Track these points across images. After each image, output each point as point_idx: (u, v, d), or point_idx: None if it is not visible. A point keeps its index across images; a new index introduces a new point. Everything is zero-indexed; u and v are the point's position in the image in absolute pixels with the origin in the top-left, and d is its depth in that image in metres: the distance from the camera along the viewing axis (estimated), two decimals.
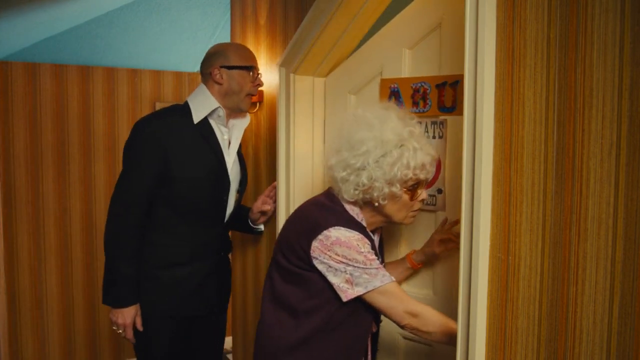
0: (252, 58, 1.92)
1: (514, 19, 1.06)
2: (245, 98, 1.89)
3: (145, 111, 3.56)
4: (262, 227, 2.14)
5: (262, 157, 2.17)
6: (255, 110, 2.21)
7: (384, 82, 1.71)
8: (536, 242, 1.03)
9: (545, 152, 1.00)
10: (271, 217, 2.13)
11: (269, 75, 2.13)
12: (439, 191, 1.60)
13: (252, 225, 2.11)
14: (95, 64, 3.40)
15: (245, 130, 2.29)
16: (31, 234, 3.31)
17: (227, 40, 2.87)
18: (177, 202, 1.81)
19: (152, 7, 2.99)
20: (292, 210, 1.95)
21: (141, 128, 1.81)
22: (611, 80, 0.89)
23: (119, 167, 1.87)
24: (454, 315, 1.31)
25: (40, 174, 3.30)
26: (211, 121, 1.87)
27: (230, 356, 3.36)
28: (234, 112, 1.92)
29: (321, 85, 1.92)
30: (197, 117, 1.83)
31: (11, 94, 3.20)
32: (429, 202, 1.61)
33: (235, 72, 1.86)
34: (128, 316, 1.77)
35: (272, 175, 2.07)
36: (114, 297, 1.78)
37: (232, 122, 1.95)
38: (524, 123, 1.04)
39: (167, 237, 1.83)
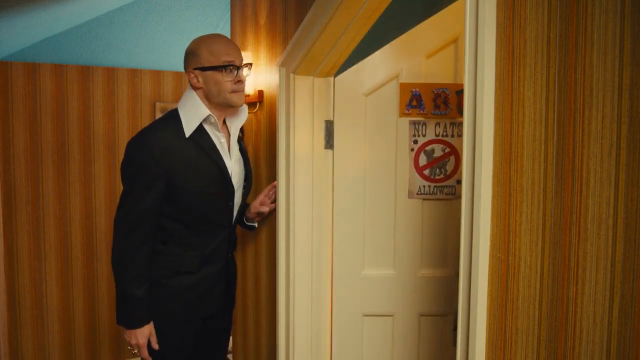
0: (228, 52, 1.75)
1: (514, 19, 1.06)
2: (230, 95, 1.76)
3: (145, 111, 3.56)
4: (255, 224, 2.14)
5: (262, 157, 2.17)
6: (255, 110, 2.21)
7: (404, 86, 1.88)
8: (536, 242, 1.03)
9: (545, 152, 1.00)
10: (268, 217, 2.13)
11: (269, 75, 2.13)
12: (458, 182, 1.88)
13: (246, 222, 2.11)
14: (95, 64, 3.40)
15: (246, 130, 2.30)
16: (31, 234, 3.31)
17: None
18: (184, 216, 1.78)
19: (152, 7, 2.99)
20: (292, 210, 1.97)
21: (136, 146, 1.73)
22: (611, 80, 0.89)
23: (120, 168, 1.85)
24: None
25: (40, 174, 3.30)
26: (206, 126, 1.79)
27: (230, 356, 3.36)
28: (223, 109, 1.82)
29: (321, 85, 1.93)
30: (188, 130, 1.73)
31: (11, 94, 3.19)
32: (448, 192, 1.90)
33: (209, 73, 1.73)
34: (142, 336, 1.75)
35: (272, 175, 2.07)
36: (127, 319, 1.75)
37: (229, 120, 1.89)
38: (524, 123, 1.04)
39: (178, 248, 1.81)
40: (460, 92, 1.85)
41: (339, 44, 1.76)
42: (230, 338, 2.60)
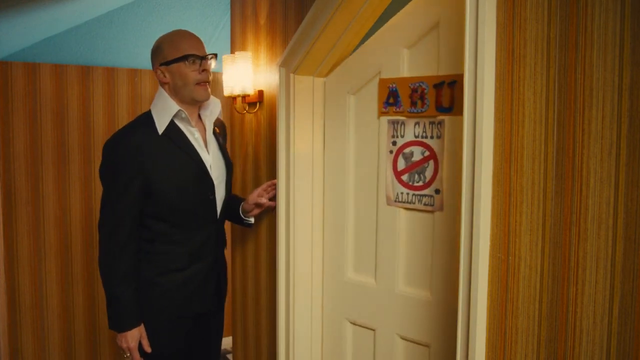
0: (189, 45, 1.78)
1: (514, 19, 1.06)
2: (195, 88, 1.78)
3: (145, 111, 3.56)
4: (252, 219, 2.12)
5: (262, 157, 2.17)
6: (255, 110, 2.21)
7: (382, 82, 1.71)
8: (536, 242, 1.03)
9: (545, 152, 1.01)
10: (267, 212, 2.13)
11: (269, 75, 2.13)
12: (437, 191, 1.59)
13: (242, 216, 2.10)
14: (95, 64, 3.40)
15: (246, 130, 2.30)
16: (31, 234, 3.31)
17: (227, 40, 2.88)
18: (166, 214, 1.79)
19: (152, 7, 2.99)
20: (292, 210, 1.97)
21: (112, 148, 1.75)
22: (611, 80, 0.89)
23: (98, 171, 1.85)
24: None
25: (40, 174, 3.30)
26: (178, 123, 1.81)
27: (230, 356, 3.36)
28: (192, 104, 1.84)
29: (321, 85, 1.92)
30: (160, 127, 1.76)
31: (11, 94, 3.20)
32: (427, 203, 1.62)
33: (173, 66, 1.76)
34: (132, 340, 1.76)
35: (272, 175, 2.07)
36: (117, 323, 1.76)
37: (203, 113, 1.90)
38: (524, 123, 1.04)
39: (164, 246, 1.82)
40: (438, 85, 1.56)
41: (339, 44, 1.76)
42: (230, 338, 2.60)
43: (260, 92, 2.17)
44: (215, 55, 1.87)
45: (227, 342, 3.37)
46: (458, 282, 1.17)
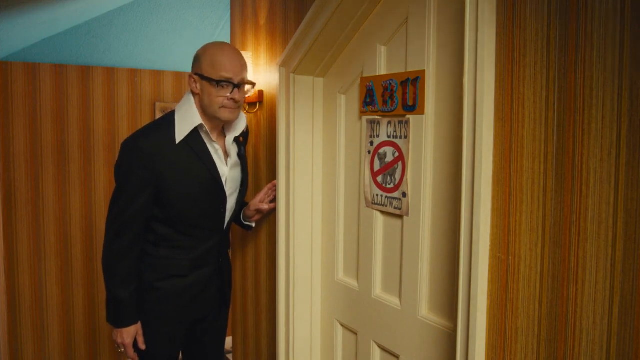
0: (228, 68, 1.71)
1: (514, 19, 1.06)
2: (220, 110, 1.73)
3: (145, 111, 3.56)
4: (253, 224, 2.13)
5: (262, 157, 2.17)
6: (255, 110, 2.21)
7: (362, 80, 1.68)
8: (536, 242, 1.03)
9: (545, 152, 1.01)
10: (268, 215, 2.13)
11: (269, 75, 2.13)
12: (404, 194, 1.54)
13: (244, 221, 2.10)
14: (95, 64, 3.40)
15: None
16: (31, 234, 3.31)
17: (227, 40, 2.88)
18: (174, 221, 1.79)
19: (152, 7, 2.99)
20: (292, 210, 1.97)
21: (130, 148, 1.72)
22: (611, 80, 0.89)
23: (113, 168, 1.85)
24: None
25: (40, 174, 3.30)
26: (201, 133, 1.77)
27: (230, 356, 3.36)
28: (216, 122, 1.79)
29: (321, 85, 1.93)
30: (179, 137, 1.72)
31: (11, 94, 3.20)
32: (396, 206, 1.57)
33: (205, 83, 1.71)
34: (128, 336, 1.77)
35: (272, 176, 2.07)
36: (115, 318, 1.77)
37: (227, 126, 1.87)
38: (524, 123, 1.04)
39: (169, 251, 1.82)
40: (404, 83, 1.50)
41: (339, 44, 1.76)
42: (231, 338, 2.60)
43: (260, 92, 2.17)
44: (253, 84, 1.82)
45: (227, 343, 3.37)
46: (458, 282, 1.17)
